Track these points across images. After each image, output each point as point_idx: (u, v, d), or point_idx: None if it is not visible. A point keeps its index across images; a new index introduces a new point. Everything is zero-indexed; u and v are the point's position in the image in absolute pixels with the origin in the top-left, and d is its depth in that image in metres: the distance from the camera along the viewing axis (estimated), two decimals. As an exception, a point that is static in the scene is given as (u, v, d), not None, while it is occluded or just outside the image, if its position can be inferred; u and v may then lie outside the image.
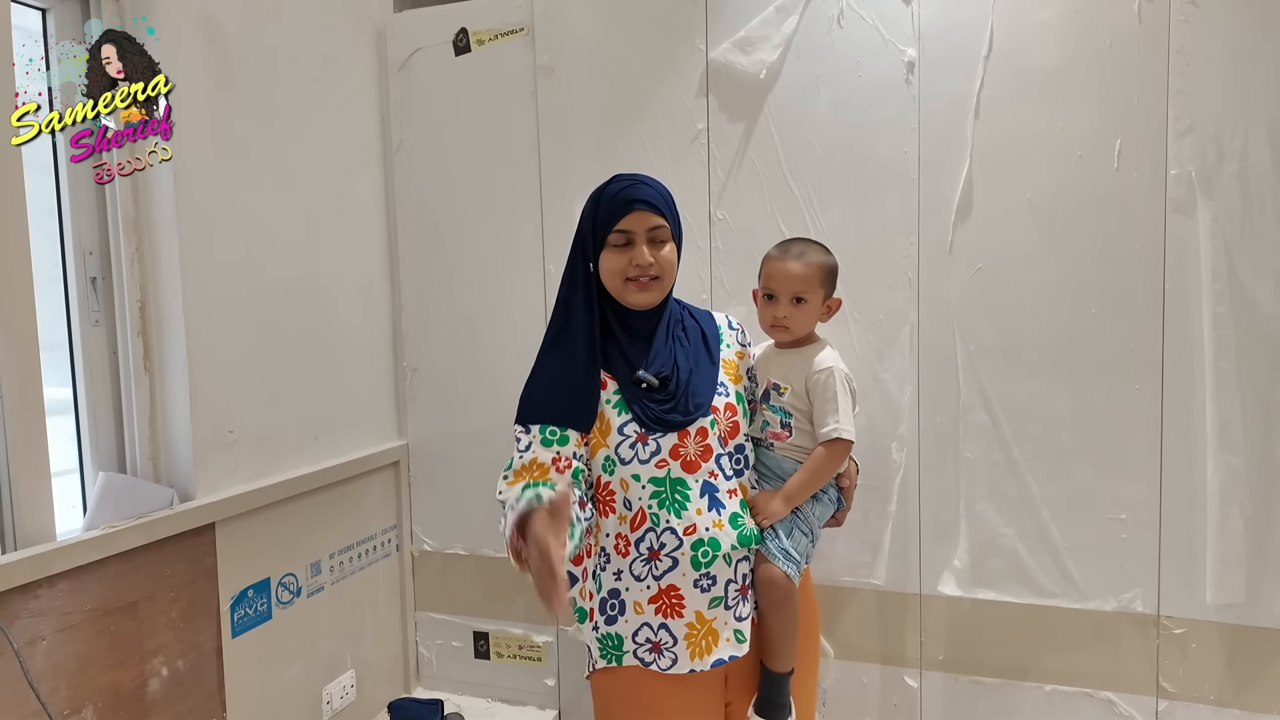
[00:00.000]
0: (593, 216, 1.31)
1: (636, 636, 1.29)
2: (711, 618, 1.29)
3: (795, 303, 1.40)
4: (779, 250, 1.44)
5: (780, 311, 1.41)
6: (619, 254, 1.28)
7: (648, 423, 1.27)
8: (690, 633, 1.28)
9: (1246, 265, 1.50)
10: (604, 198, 1.30)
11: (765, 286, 1.44)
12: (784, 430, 1.41)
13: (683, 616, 1.27)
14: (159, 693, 1.48)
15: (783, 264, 1.41)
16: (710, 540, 1.28)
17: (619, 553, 1.29)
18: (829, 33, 1.72)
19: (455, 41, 2.02)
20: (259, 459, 1.71)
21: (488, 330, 2.03)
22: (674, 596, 1.28)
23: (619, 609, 1.30)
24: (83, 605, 1.34)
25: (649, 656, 1.29)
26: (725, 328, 1.45)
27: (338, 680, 1.92)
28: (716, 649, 1.29)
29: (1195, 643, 1.58)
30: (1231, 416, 1.52)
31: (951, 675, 1.73)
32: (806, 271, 1.40)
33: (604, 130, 1.91)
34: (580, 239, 1.33)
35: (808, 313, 1.42)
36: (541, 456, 1.26)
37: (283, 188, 1.79)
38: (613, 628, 1.30)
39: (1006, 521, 1.67)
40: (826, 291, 1.44)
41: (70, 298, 1.50)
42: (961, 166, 1.65)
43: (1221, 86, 1.50)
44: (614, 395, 1.30)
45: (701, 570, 1.27)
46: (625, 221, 1.27)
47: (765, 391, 1.44)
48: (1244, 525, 1.53)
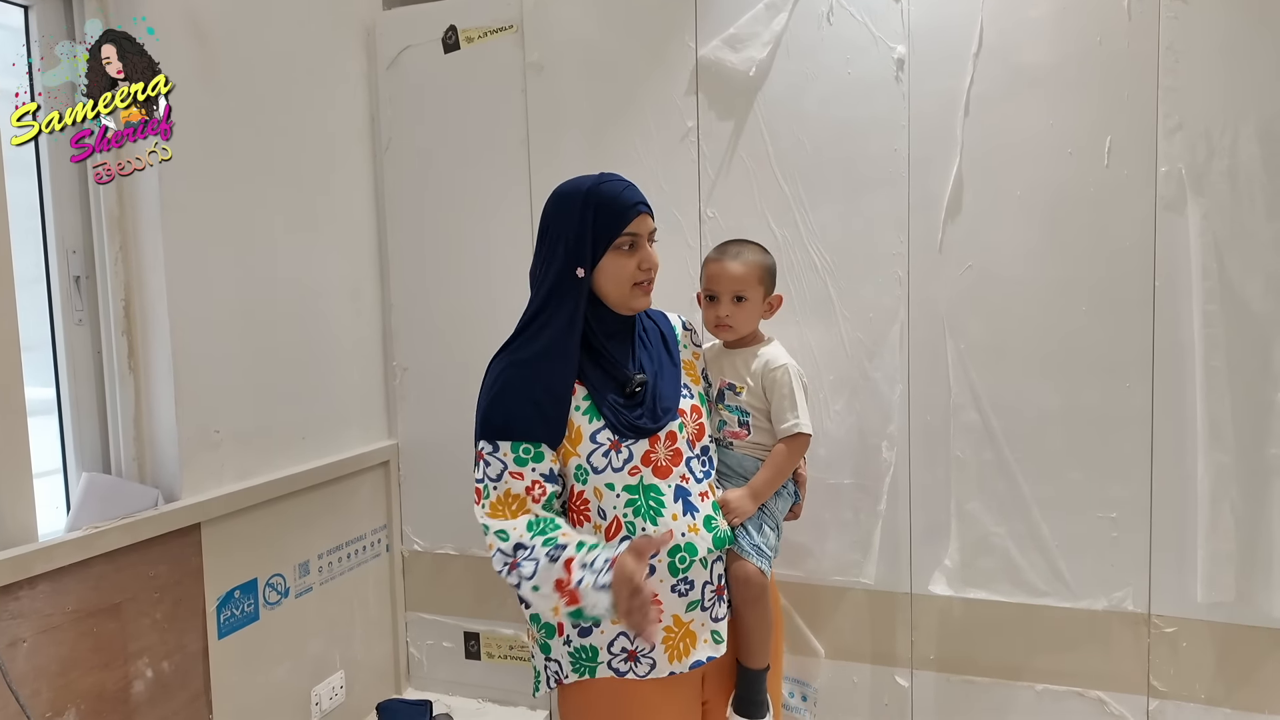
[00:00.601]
0: (593, 220, 1.23)
1: (611, 647, 1.26)
2: (689, 620, 1.28)
3: (736, 301, 1.44)
4: (717, 252, 1.48)
5: (723, 311, 1.45)
6: (626, 257, 1.25)
7: (621, 429, 1.24)
8: (668, 636, 1.26)
9: (1236, 263, 1.50)
10: (603, 200, 1.23)
11: (706, 288, 1.48)
12: (742, 429, 1.44)
13: (660, 622, 1.25)
14: (143, 695, 1.47)
15: (721, 265, 1.45)
16: (687, 545, 1.26)
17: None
18: (819, 30, 1.71)
19: (444, 39, 2.01)
20: (246, 459, 1.70)
21: (478, 329, 2.02)
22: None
23: (594, 620, 1.26)
24: (65, 607, 1.33)
25: (624, 666, 1.26)
26: (680, 329, 1.45)
27: (326, 681, 1.91)
28: (694, 650, 1.28)
29: (1186, 641, 1.57)
30: (1222, 414, 1.52)
31: (943, 675, 1.73)
32: (745, 271, 1.44)
33: (594, 128, 1.90)
34: (568, 243, 1.24)
35: (749, 311, 1.45)
36: (515, 488, 1.21)
37: (270, 186, 1.77)
38: (587, 639, 1.27)
39: (997, 520, 1.66)
40: (766, 289, 1.48)
41: (53, 297, 1.49)
42: (951, 164, 1.64)
43: (1211, 83, 1.50)
44: (583, 402, 1.26)
45: (679, 576, 1.26)
46: (634, 224, 1.25)
47: (720, 392, 1.47)
48: (1234, 523, 1.52)
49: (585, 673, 1.27)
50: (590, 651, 1.27)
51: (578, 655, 1.28)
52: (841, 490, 1.75)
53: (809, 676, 1.81)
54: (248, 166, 1.71)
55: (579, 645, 1.28)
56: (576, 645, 1.28)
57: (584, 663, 1.28)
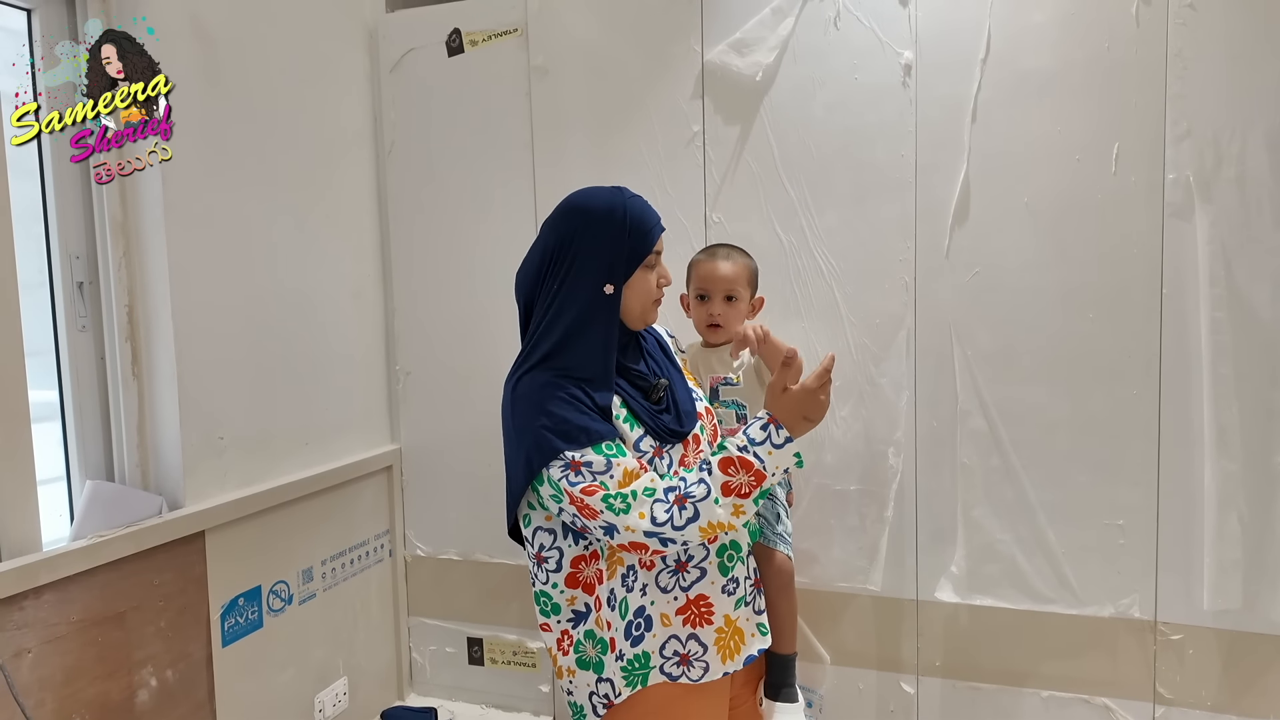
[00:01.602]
0: (626, 237, 1.23)
1: (664, 650, 1.25)
2: (736, 618, 1.29)
3: (727, 301, 1.50)
4: (706, 254, 1.55)
5: (715, 310, 1.50)
6: (649, 275, 1.28)
7: (661, 435, 1.26)
8: (720, 638, 1.27)
9: (1244, 270, 1.50)
10: (631, 215, 1.24)
11: (698, 288, 1.53)
12: (739, 424, 1.46)
13: (712, 623, 1.26)
14: (148, 703, 1.46)
15: (713, 265, 1.51)
16: (732, 543, 1.29)
17: (643, 565, 1.25)
18: (825, 35, 1.70)
19: (448, 42, 1.99)
20: (250, 465, 1.69)
21: (482, 333, 2.01)
22: (703, 606, 1.26)
23: (645, 625, 1.25)
24: (69, 616, 1.32)
25: (676, 670, 1.25)
26: (666, 337, 1.47)
27: (330, 688, 1.90)
28: (745, 647, 1.30)
29: (1192, 649, 1.57)
30: (1229, 422, 1.52)
31: (948, 681, 1.73)
32: (735, 271, 1.50)
33: (598, 132, 1.89)
34: (600, 260, 1.23)
35: (739, 310, 1.51)
36: (628, 464, 1.19)
37: (274, 189, 1.76)
38: (639, 647, 1.25)
39: (1003, 527, 1.66)
40: (752, 291, 1.55)
41: (57, 302, 1.48)
42: (959, 170, 1.64)
43: (1220, 90, 1.50)
44: (621, 410, 1.26)
45: (728, 576, 1.28)
46: (659, 242, 1.29)
47: (714, 390, 1.50)
48: (1242, 531, 1.52)
49: (638, 683, 1.25)
50: (643, 659, 1.25)
51: (630, 667, 1.26)
52: (847, 496, 1.75)
53: (814, 682, 1.80)
54: (251, 170, 1.70)
55: (631, 656, 1.25)
56: (629, 657, 1.25)
57: (636, 672, 1.25)
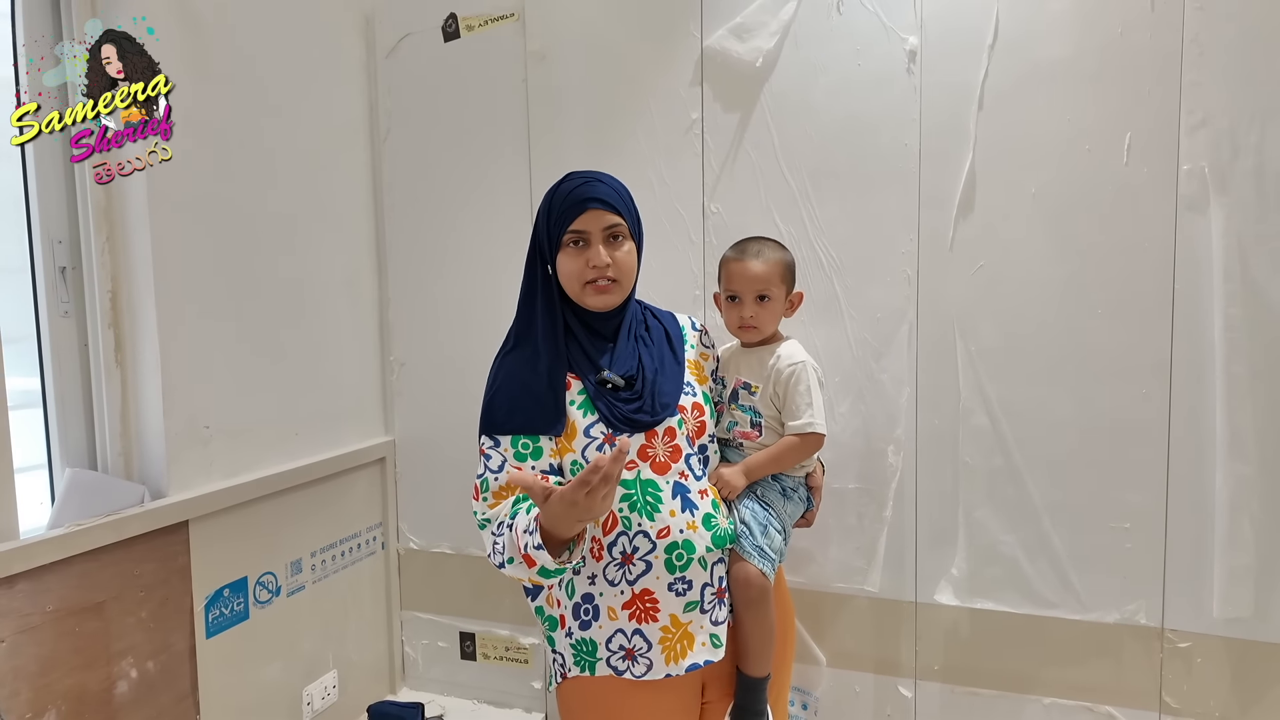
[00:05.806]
0: (547, 216, 1.25)
1: (610, 643, 1.25)
2: (686, 621, 1.25)
3: (760, 301, 1.40)
4: (736, 251, 1.43)
5: (746, 311, 1.41)
6: (575, 255, 1.23)
7: (615, 423, 1.23)
8: (665, 636, 1.24)
9: (1261, 265, 1.44)
10: (557, 196, 1.24)
11: (728, 288, 1.43)
12: (753, 430, 1.40)
13: (657, 621, 1.24)
14: (127, 695, 1.44)
15: (743, 264, 1.40)
16: (684, 543, 1.24)
17: (593, 556, 1.25)
18: (828, 19, 1.66)
19: (444, 27, 1.96)
20: (236, 455, 1.67)
21: (477, 323, 1.98)
22: (648, 601, 1.24)
23: (593, 614, 1.26)
24: (44, 606, 1.29)
25: (622, 664, 1.25)
26: (689, 329, 1.42)
27: (319, 681, 1.87)
28: (691, 653, 1.25)
29: (1201, 657, 1.52)
30: (1243, 423, 1.46)
31: (948, 686, 1.68)
32: (767, 269, 1.39)
33: (596, 119, 1.85)
34: (536, 240, 1.28)
35: (773, 310, 1.42)
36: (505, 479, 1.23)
37: (265, 176, 1.74)
38: (586, 633, 1.26)
39: (1006, 529, 1.61)
40: (788, 287, 1.44)
41: (38, 287, 1.46)
42: (964, 160, 1.59)
43: (1237, 78, 1.44)
44: (578, 396, 1.25)
45: (676, 574, 1.24)
46: (579, 221, 1.22)
47: (734, 391, 1.43)
48: (1254, 536, 1.47)
49: (586, 668, 1.26)
50: (589, 645, 1.26)
51: (579, 649, 1.27)
52: (846, 495, 1.71)
53: (810, 685, 1.77)
54: (241, 155, 1.67)
55: (579, 638, 1.27)
56: (577, 638, 1.27)
57: (584, 657, 1.27)
